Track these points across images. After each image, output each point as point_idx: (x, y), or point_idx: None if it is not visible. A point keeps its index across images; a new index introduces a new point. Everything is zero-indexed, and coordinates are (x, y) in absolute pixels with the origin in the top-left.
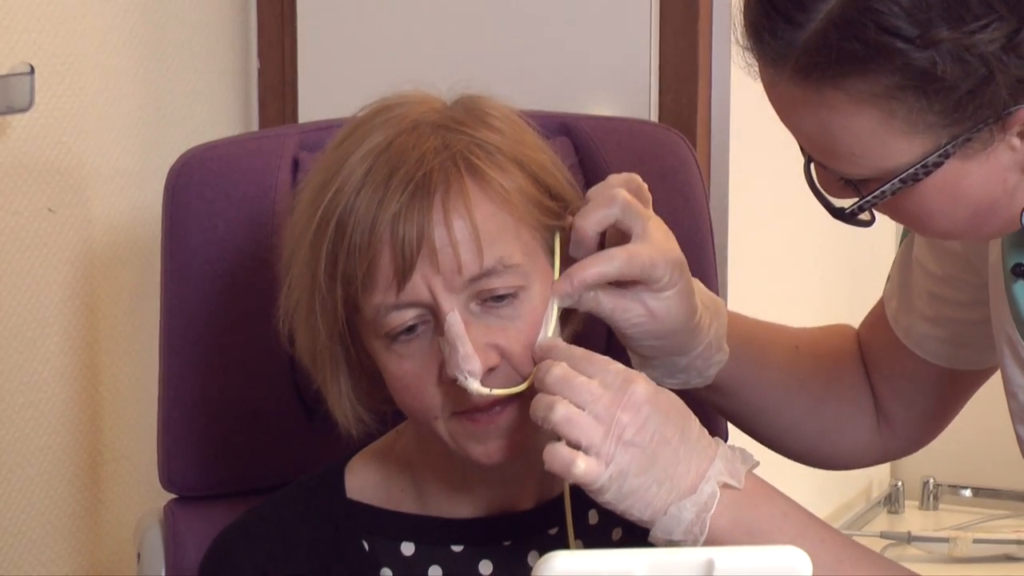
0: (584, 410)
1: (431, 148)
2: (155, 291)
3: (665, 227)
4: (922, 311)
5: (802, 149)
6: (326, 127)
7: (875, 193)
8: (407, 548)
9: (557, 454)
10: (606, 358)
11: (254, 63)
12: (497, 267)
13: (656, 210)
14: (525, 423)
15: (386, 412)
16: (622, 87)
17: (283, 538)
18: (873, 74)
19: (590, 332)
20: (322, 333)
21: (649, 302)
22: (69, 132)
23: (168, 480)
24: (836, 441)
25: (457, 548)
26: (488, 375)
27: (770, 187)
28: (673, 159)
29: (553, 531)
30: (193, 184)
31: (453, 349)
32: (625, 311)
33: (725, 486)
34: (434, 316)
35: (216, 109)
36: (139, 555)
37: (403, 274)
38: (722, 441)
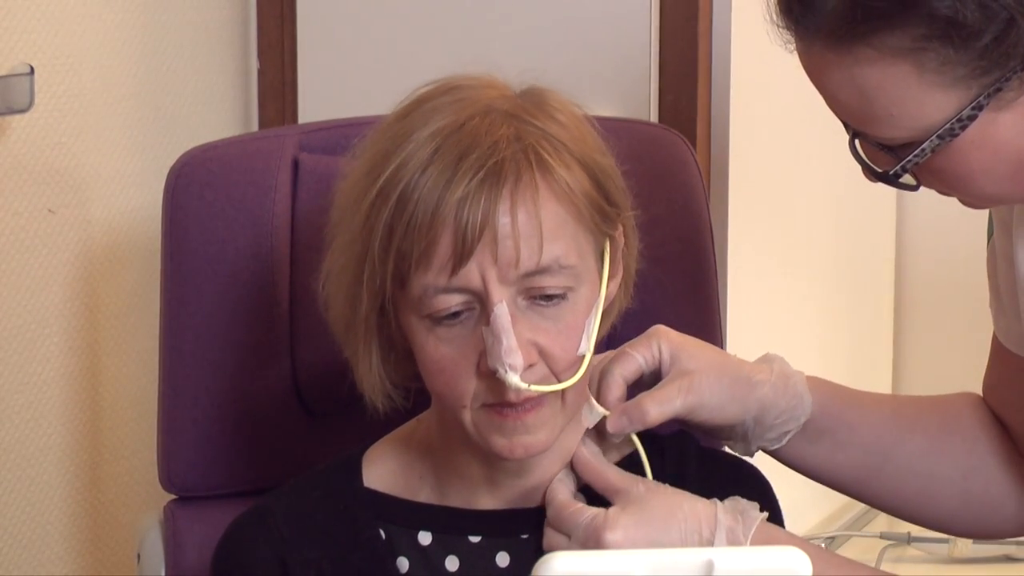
0: None
1: (504, 136)
2: (155, 291)
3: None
4: (1012, 306)
5: (846, 126)
6: (326, 127)
7: (915, 152)
8: (424, 538)
9: None
10: (577, 509)
11: (254, 63)
12: (553, 266)
13: (656, 210)
14: (551, 423)
15: (410, 389)
16: (622, 87)
17: (300, 525)
18: (900, 27)
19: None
20: (364, 303)
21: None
22: (69, 133)
23: (168, 480)
24: (975, 492)
25: (475, 539)
26: (526, 371)
27: (770, 187)
28: (673, 159)
29: None
30: (193, 184)
31: (497, 341)
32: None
33: None
34: (481, 305)
35: (216, 109)
36: (139, 555)
37: (460, 258)
38: (719, 507)
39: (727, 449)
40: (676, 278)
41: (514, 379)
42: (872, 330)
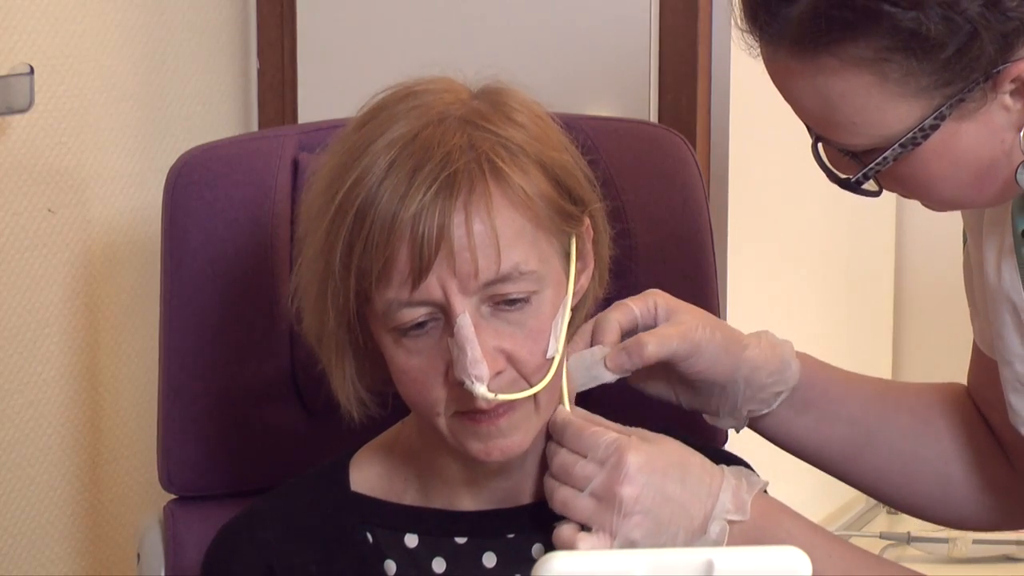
0: (583, 491)
1: (457, 146)
2: (155, 291)
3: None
4: (984, 310)
5: (809, 129)
6: (326, 127)
7: (877, 160)
8: (411, 540)
9: (560, 536)
10: (597, 429)
11: (254, 63)
12: (513, 273)
13: (656, 210)
14: (525, 425)
15: (387, 394)
16: (622, 87)
17: (287, 530)
18: (864, 38)
19: None
20: (331, 319)
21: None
22: (69, 133)
23: (168, 480)
24: (955, 479)
25: (461, 540)
26: (494, 379)
27: (770, 187)
28: (673, 159)
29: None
30: (193, 184)
31: (462, 352)
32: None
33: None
34: (445, 315)
35: (216, 109)
36: (139, 555)
37: (419, 273)
38: (726, 469)
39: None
40: (676, 278)
41: (481, 389)
42: (872, 329)
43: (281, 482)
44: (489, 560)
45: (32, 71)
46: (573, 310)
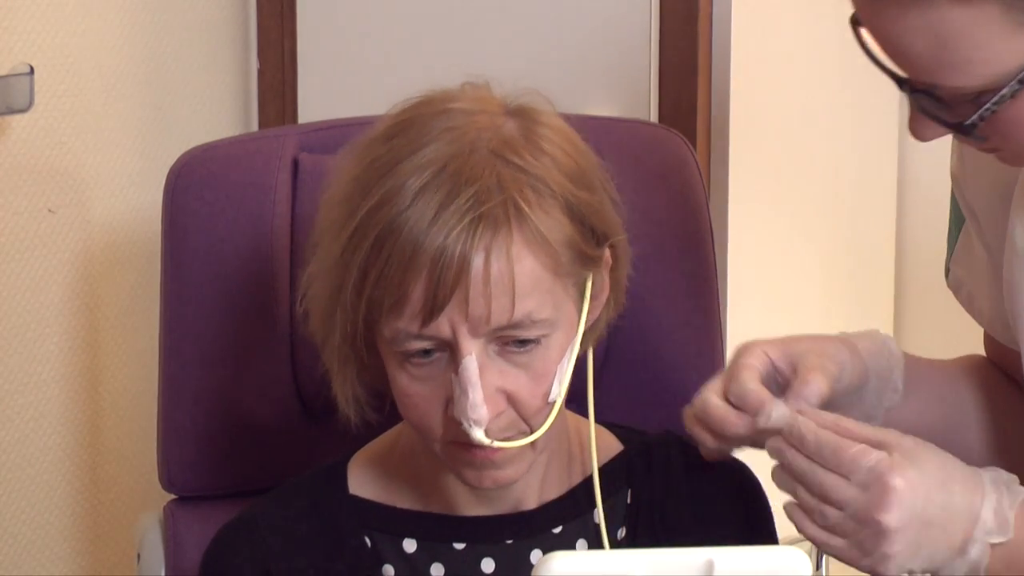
0: (841, 511)
1: (485, 187)
2: (155, 291)
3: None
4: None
5: (902, 84)
6: (326, 127)
7: (994, 99)
8: (409, 545)
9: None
10: (858, 448)
11: (254, 63)
12: (525, 321)
13: (656, 210)
14: (520, 459)
15: (385, 398)
16: (622, 87)
17: (285, 533)
18: None
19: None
20: (337, 335)
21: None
22: (69, 133)
23: (168, 480)
24: None
25: (459, 546)
26: (493, 420)
27: (770, 187)
28: (673, 159)
29: (556, 530)
30: (193, 184)
31: (464, 394)
32: None
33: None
34: (451, 350)
35: (216, 109)
36: (139, 555)
37: (431, 312)
38: (986, 480)
39: None
40: (676, 278)
41: (479, 434)
42: (872, 328)
43: (281, 483)
44: (487, 566)
45: (32, 71)
46: (584, 334)
